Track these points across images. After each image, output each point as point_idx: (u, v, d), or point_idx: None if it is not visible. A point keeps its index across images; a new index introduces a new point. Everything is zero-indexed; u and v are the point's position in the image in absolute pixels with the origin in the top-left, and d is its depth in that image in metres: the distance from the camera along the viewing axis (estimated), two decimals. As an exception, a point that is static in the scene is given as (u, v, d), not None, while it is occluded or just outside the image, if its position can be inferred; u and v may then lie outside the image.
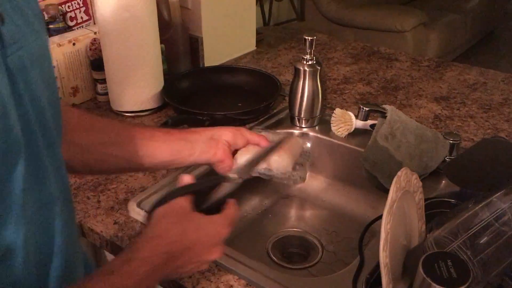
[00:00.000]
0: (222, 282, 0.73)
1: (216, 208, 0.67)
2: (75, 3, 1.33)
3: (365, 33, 3.28)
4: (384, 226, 0.69)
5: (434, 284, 0.62)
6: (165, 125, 0.99)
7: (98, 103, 1.25)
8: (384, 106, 0.95)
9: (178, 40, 1.33)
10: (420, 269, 0.64)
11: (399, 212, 0.76)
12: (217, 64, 1.43)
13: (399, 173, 0.73)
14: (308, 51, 1.07)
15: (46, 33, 0.54)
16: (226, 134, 0.75)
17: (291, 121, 1.15)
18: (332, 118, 1.09)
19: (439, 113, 1.20)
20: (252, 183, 1.06)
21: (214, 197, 0.70)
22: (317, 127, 1.14)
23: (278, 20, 3.44)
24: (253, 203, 1.09)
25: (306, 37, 1.06)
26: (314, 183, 1.13)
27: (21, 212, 0.46)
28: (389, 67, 1.46)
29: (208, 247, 0.63)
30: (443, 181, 0.94)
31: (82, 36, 1.22)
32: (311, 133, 1.12)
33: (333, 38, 1.69)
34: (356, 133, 1.08)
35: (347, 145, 1.08)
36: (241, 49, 1.54)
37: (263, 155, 0.76)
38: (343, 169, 1.10)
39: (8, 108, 0.42)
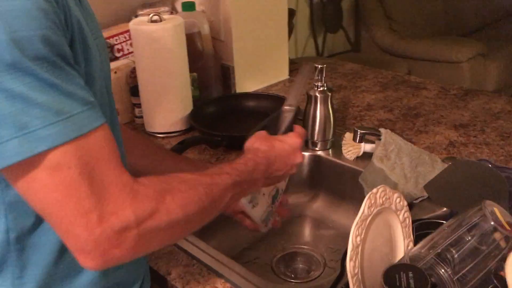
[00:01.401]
0: (209, 284, 0.81)
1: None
2: (122, 36, 1.49)
3: (420, 63, 3.27)
4: (353, 239, 0.74)
5: (390, 293, 0.66)
6: (181, 144, 1.09)
7: (135, 125, 1.39)
8: (379, 129, 1.00)
9: (210, 68, 1.45)
10: (381, 279, 0.68)
11: (378, 228, 0.80)
12: (248, 91, 1.53)
13: (374, 190, 0.78)
14: (318, 78, 1.14)
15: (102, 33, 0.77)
16: None
17: (305, 144, 1.21)
18: (343, 142, 1.15)
19: (455, 140, 1.22)
20: None
21: (282, 127, 0.90)
22: (330, 150, 1.20)
23: (333, 51, 3.51)
24: (264, 220, 1.16)
25: (317, 65, 1.13)
26: (325, 203, 1.18)
27: None
28: (414, 95, 1.49)
29: (293, 152, 0.83)
30: (442, 204, 0.96)
31: (123, 65, 1.36)
32: (323, 156, 1.18)
33: (365, 67, 1.74)
34: (366, 156, 1.13)
35: (355, 167, 1.12)
36: (274, 78, 1.63)
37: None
38: (351, 191, 1.14)
39: (101, 70, 0.65)
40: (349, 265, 0.72)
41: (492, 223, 0.70)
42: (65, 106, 0.52)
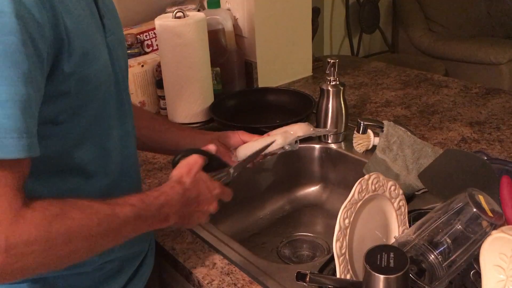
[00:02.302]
0: (208, 260, 0.87)
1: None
2: (151, 33, 1.57)
3: (458, 65, 3.22)
4: (340, 221, 0.77)
5: (369, 270, 0.69)
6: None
7: (160, 116, 1.47)
8: (383, 121, 1.02)
9: (234, 64, 1.51)
10: (363, 258, 0.72)
11: (371, 214, 0.84)
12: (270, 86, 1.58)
13: (366, 176, 0.81)
14: (330, 72, 1.17)
15: (122, 29, 0.82)
16: (225, 136, 0.93)
17: (317, 136, 1.25)
18: (354, 135, 1.18)
19: (468, 136, 1.22)
20: (281, 187, 1.21)
21: (219, 175, 0.85)
22: (342, 143, 1.23)
23: (370, 51, 3.51)
24: (275, 207, 1.21)
25: (329, 60, 1.17)
26: (334, 194, 1.21)
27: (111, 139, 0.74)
28: (435, 93, 1.50)
29: (211, 200, 0.80)
30: (444, 196, 0.98)
31: (150, 60, 1.45)
32: (333, 148, 1.22)
33: (390, 65, 1.76)
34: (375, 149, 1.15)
35: (365, 160, 1.15)
36: (296, 74, 1.67)
37: (255, 155, 0.90)
38: (360, 183, 1.17)
39: (109, 67, 0.71)
40: (335, 245, 0.76)
41: (475, 209, 0.72)
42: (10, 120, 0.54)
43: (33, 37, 0.55)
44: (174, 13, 1.29)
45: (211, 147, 0.87)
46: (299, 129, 1.01)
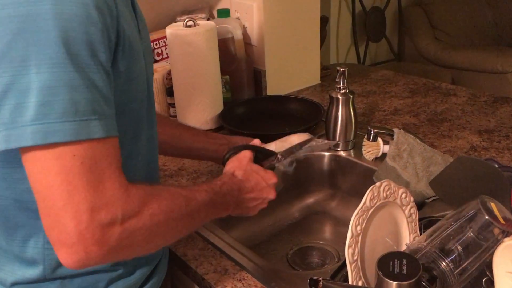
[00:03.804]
0: (220, 266, 0.87)
1: None
2: (161, 41, 1.59)
3: (464, 74, 3.22)
4: (353, 228, 0.78)
5: (382, 276, 0.69)
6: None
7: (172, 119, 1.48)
8: (393, 129, 1.03)
9: (243, 72, 1.52)
10: (376, 265, 0.72)
11: (382, 221, 0.84)
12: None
13: (377, 183, 0.82)
14: (340, 80, 1.18)
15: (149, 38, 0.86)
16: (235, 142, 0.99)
17: (327, 144, 1.26)
18: (363, 143, 1.19)
19: (477, 144, 1.23)
20: (291, 194, 1.22)
21: (266, 165, 0.91)
22: (351, 151, 1.24)
23: (376, 60, 3.52)
24: (285, 214, 1.21)
25: (339, 68, 1.18)
26: (344, 202, 1.22)
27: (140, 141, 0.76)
28: (443, 101, 1.50)
29: (267, 188, 0.85)
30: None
31: (160, 68, 1.46)
32: (343, 156, 1.22)
33: (397, 74, 1.77)
34: (385, 157, 1.16)
35: (374, 168, 1.16)
36: (305, 82, 1.68)
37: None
38: (369, 190, 1.17)
39: (144, 71, 0.73)
40: (347, 251, 0.77)
41: (487, 217, 0.72)
42: (87, 109, 0.57)
43: (108, 28, 0.60)
44: (185, 22, 1.31)
45: (256, 141, 0.94)
46: (296, 139, 1.02)
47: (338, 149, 1.24)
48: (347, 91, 1.20)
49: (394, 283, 0.68)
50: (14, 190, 0.67)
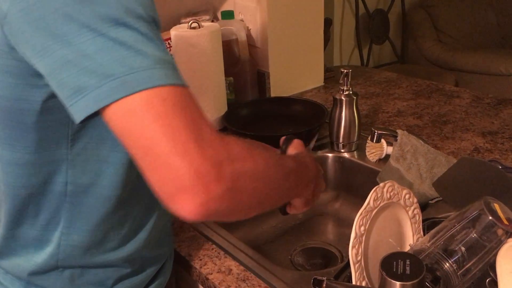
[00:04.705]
0: (224, 266, 0.88)
1: None
2: (166, 43, 1.60)
3: (468, 76, 3.22)
4: (356, 228, 0.78)
5: (385, 277, 0.70)
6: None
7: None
8: (397, 130, 1.03)
9: (246, 74, 1.53)
10: (379, 265, 0.72)
11: (386, 221, 0.84)
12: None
13: (381, 184, 0.82)
14: (343, 82, 1.19)
15: None
16: None
17: (331, 145, 1.26)
18: (366, 144, 1.19)
19: (480, 146, 1.23)
20: None
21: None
22: (355, 152, 1.24)
23: (379, 62, 3.52)
24: (288, 215, 1.21)
25: (343, 70, 1.18)
26: (347, 203, 1.22)
27: None
28: (447, 103, 1.50)
29: (321, 177, 0.85)
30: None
31: (164, 69, 1.47)
32: (346, 157, 1.23)
33: (401, 76, 1.77)
34: (388, 158, 1.16)
35: (378, 169, 1.16)
36: (309, 84, 1.69)
37: None
38: (373, 191, 1.18)
39: None
40: (351, 252, 0.77)
41: (490, 217, 0.73)
42: (163, 58, 0.56)
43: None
44: (190, 23, 1.31)
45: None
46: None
47: (342, 150, 1.24)
48: (351, 92, 1.20)
49: (398, 283, 0.68)
50: (39, 174, 0.67)
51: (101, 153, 0.67)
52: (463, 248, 0.79)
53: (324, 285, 0.73)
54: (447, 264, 0.79)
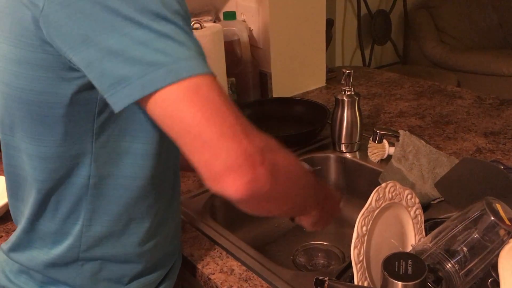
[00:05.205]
0: (226, 266, 0.88)
1: None
2: (168, 43, 1.60)
3: (470, 76, 3.22)
4: (358, 228, 0.78)
5: (387, 277, 0.70)
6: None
7: (176, 125, 1.49)
8: (398, 130, 1.03)
9: (249, 74, 1.53)
10: (381, 265, 0.72)
11: (388, 222, 0.85)
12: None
13: (383, 184, 0.82)
14: (345, 83, 1.19)
15: None
16: None
17: (333, 146, 1.26)
18: (368, 145, 1.19)
19: (483, 147, 1.23)
20: None
21: None
22: (357, 152, 1.24)
23: (381, 63, 3.52)
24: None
25: (345, 70, 1.19)
26: (349, 203, 1.22)
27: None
28: (449, 104, 1.50)
29: (336, 204, 0.89)
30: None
31: (167, 70, 1.47)
32: (348, 157, 1.23)
33: (403, 76, 1.77)
34: (390, 159, 1.16)
35: (380, 169, 1.16)
36: (310, 85, 1.69)
37: None
38: (375, 192, 1.18)
39: None
40: (353, 252, 0.77)
41: (492, 218, 0.73)
42: (199, 51, 0.59)
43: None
44: (192, 24, 1.32)
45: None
46: None
47: (344, 150, 1.25)
48: (353, 93, 1.20)
49: (400, 283, 0.68)
50: (64, 168, 0.68)
51: (122, 145, 0.68)
52: (465, 249, 0.79)
53: (326, 285, 0.74)
54: (449, 264, 0.79)
